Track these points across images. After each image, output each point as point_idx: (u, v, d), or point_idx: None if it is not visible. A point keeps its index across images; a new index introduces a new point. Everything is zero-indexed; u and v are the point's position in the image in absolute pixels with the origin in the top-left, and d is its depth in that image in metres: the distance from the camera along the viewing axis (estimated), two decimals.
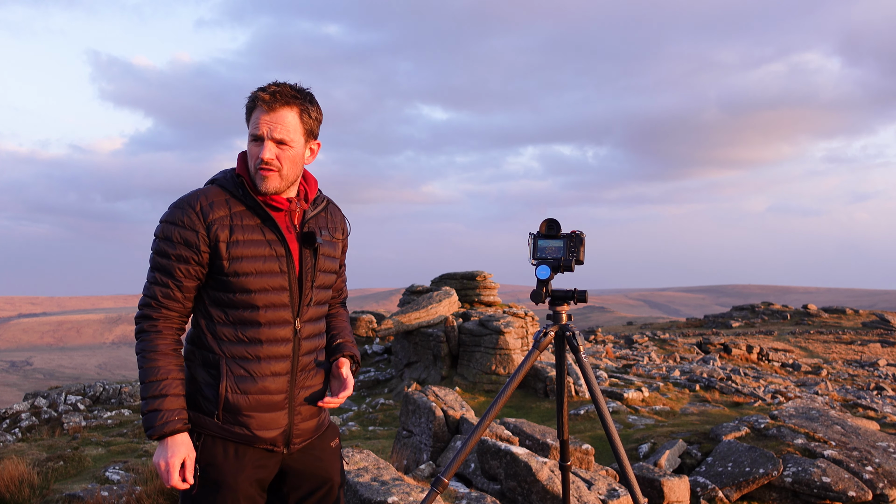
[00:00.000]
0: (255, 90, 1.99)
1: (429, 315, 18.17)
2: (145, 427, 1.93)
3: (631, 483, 2.69)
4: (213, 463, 1.98)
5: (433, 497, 2.58)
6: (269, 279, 1.99)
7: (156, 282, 1.96)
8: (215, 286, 1.99)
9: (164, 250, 1.95)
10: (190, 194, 1.99)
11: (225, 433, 1.99)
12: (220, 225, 1.95)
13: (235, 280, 1.96)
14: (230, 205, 1.99)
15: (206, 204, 1.96)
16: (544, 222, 2.83)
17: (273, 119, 1.97)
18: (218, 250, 1.94)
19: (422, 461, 6.25)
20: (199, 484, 1.97)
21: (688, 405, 12.66)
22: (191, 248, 1.94)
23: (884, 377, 26.50)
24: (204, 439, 1.99)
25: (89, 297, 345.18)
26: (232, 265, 1.95)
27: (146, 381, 1.93)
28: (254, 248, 1.98)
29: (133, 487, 5.70)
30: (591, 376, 2.74)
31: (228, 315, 1.99)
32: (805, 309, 47.91)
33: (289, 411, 2.06)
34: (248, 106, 2.00)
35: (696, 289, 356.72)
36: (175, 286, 1.96)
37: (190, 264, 1.95)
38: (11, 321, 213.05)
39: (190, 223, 1.93)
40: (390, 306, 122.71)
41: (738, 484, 6.46)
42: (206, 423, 1.99)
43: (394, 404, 15.54)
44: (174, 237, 1.94)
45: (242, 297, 1.98)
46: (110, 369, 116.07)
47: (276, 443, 2.04)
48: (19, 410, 17.14)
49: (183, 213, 1.94)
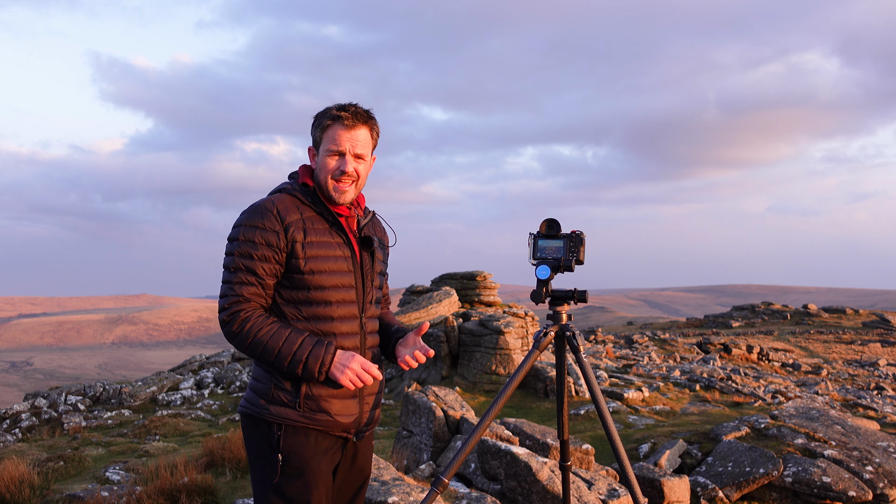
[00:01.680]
0: (333, 109, 2.24)
1: (429, 315, 18.17)
2: (310, 375, 2.10)
3: (631, 483, 2.69)
4: (296, 451, 2.15)
5: (433, 497, 2.58)
6: (340, 277, 2.22)
7: (241, 282, 2.14)
8: (290, 285, 2.19)
9: (247, 252, 2.13)
10: (265, 200, 2.20)
11: (307, 421, 2.16)
12: (295, 227, 2.17)
13: (311, 278, 2.17)
14: (301, 210, 2.21)
15: (283, 208, 2.18)
16: (544, 222, 2.83)
17: (353, 136, 2.24)
18: (294, 250, 2.15)
19: (422, 461, 6.25)
20: (281, 472, 2.12)
21: (688, 405, 12.66)
22: (272, 248, 2.14)
23: (884, 377, 26.51)
24: (285, 429, 2.15)
25: (89, 297, 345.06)
26: (308, 264, 2.16)
27: (280, 344, 2.09)
28: (326, 248, 2.21)
29: (133, 488, 5.70)
30: (591, 376, 2.74)
31: (302, 311, 2.19)
32: (805, 309, 47.91)
33: (359, 400, 2.26)
34: (324, 123, 2.25)
35: (696, 289, 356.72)
36: (259, 283, 2.15)
37: (271, 263, 2.14)
38: (11, 321, 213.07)
39: (270, 225, 2.14)
40: (390, 306, 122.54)
41: (739, 484, 6.46)
42: (287, 413, 2.15)
43: (394, 404, 15.55)
44: (256, 238, 2.13)
45: (317, 294, 2.19)
46: (110, 369, 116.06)
47: (349, 429, 2.24)
48: (19, 411, 17.14)
49: (262, 217, 2.15)
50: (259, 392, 2.19)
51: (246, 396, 2.25)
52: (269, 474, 2.13)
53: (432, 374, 17.21)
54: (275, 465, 2.13)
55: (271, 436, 2.14)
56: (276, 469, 2.12)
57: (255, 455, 2.20)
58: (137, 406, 18.17)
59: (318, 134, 2.27)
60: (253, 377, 2.25)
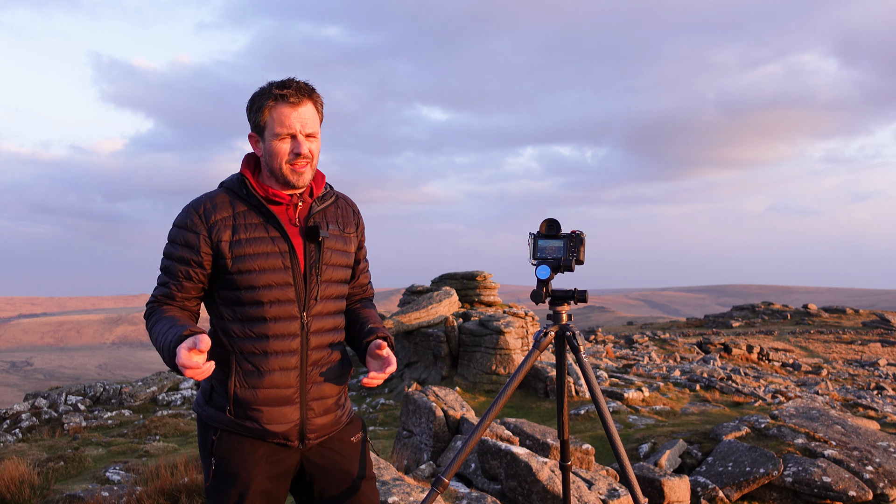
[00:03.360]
0: (272, 88, 2.02)
1: (429, 315, 18.17)
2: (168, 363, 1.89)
3: (631, 483, 2.69)
4: (228, 457, 2.04)
5: (433, 497, 2.58)
6: (272, 275, 2.03)
7: (160, 282, 2.08)
8: (223, 285, 2.05)
9: (168, 252, 2.06)
10: (197, 198, 2.09)
11: (237, 428, 2.04)
12: (222, 226, 2.02)
13: (240, 278, 2.02)
14: (234, 206, 2.06)
15: (210, 206, 2.04)
16: (544, 222, 2.83)
17: (301, 114, 2.03)
18: (220, 250, 2.01)
19: (422, 461, 6.25)
20: (213, 476, 2.04)
21: (688, 405, 12.65)
22: (191, 249, 2.02)
23: (884, 377, 26.50)
24: (220, 434, 2.05)
25: (89, 297, 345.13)
26: (235, 264, 2.01)
27: (157, 335, 1.98)
28: (256, 245, 2.03)
29: (133, 488, 5.70)
30: (591, 376, 2.74)
31: (236, 312, 2.04)
32: (805, 309, 47.90)
33: (301, 406, 2.08)
34: (265, 104, 2.02)
35: (697, 289, 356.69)
36: (175, 286, 2.05)
37: (190, 266, 2.03)
38: (12, 321, 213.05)
39: (192, 225, 2.02)
40: (390, 306, 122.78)
41: (739, 484, 6.46)
42: (220, 418, 2.06)
43: (394, 404, 15.54)
44: (178, 239, 2.04)
45: (248, 295, 2.03)
46: (110, 370, 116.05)
47: (288, 437, 2.07)
48: (20, 411, 17.14)
49: (187, 216, 2.04)
50: (202, 391, 2.11)
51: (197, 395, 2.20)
52: (207, 479, 2.06)
53: (432, 374, 17.21)
54: (208, 469, 2.05)
55: (206, 438, 2.07)
56: (210, 473, 2.04)
57: (200, 455, 2.15)
58: (137, 406, 18.18)
59: (258, 118, 2.03)
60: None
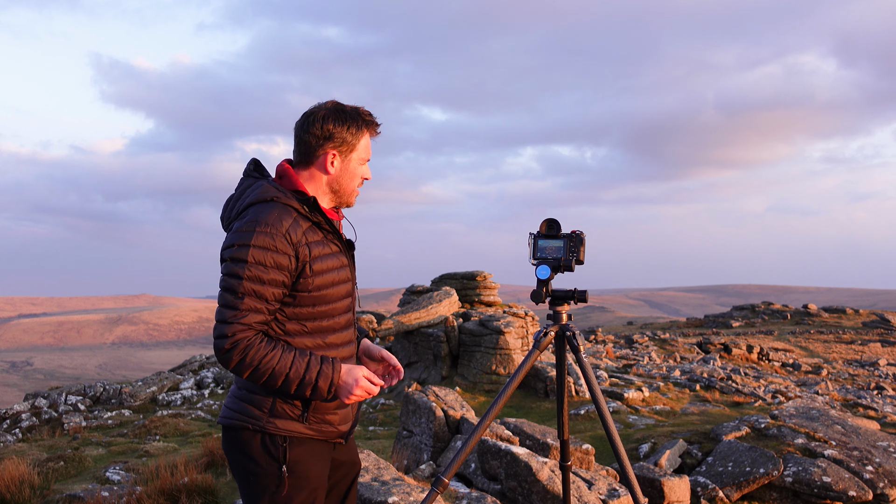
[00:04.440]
0: (365, 114, 2.18)
1: (429, 315, 18.17)
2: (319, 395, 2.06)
3: (631, 483, 2.69)
4: (301, 461, 2.11)
5: (433, 497, 2.58)
6: (342, 287, 2.18)
7: (250, 308, 2.00)
8: (295, 303, 2.10)
9: (256, 276, 1.99)
10: (270, 216, 2.03)
11: (313, 433, 2.14)
12: (304, 246, 2.07)
13: (318, 294, 2.11)
14: (300, 223, 2.08)
15: (289, 226, 2.04)
16: (544, 222, 2.83)
17: (371, 144, 2.24)
18: (304, 270, 2.07)
19: (422, 461, 6.24)
20: (288, 483, 2.09)
21: (688, 405, 12.65)
22: (283, 271, 2.03)
23: (884, 377, 26.50)
24: (290, 442, 2.11)
25: (90, 297, 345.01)
26: (315, 281, 2.09)
27: (287, 369, 2.01)
28: (329, 261, 2.13)
29: (133, 488, 5.70)
30: (591, 376, 2.74)
31: (306, 326, 2.12)
32: (805, 309, 47.88)
33: (352, 405, 2.26)
34: (363, 128, 2.18)
35: (697, 289, 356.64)
36: (267, 310, 2.04)
37: (281, 287, 2.04)
38: (12, 321, 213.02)
39: (283, 248, 2.01)
40: (390, 306, 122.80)
41: (739, 484, 6.46)
42: (294, 426, 2.11)
43: (394, 404, 15.55)
44: (266, 261, 2.00)
45: (322, 308, 2.13)
46: (111, 369, 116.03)
47: (345, 435, 2.25)
48: (20, 411, 17.13)
49: (273, 238, 2.01)
50: (255, 403, 2.10)
51: (234, 407, 2.14)
52: (271, 487, 2.08)
53: (432, 374, 17.21)
54: (280, 478, 2.08)
55: (275, 448, 2.09)
56: (283, 481, 2.08)
57: (248, 468, 2.11)
58: (137, 406, 18.17)
59: (349, 137, 2.16)
60: (242, 388, 2.14)
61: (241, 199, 2.13)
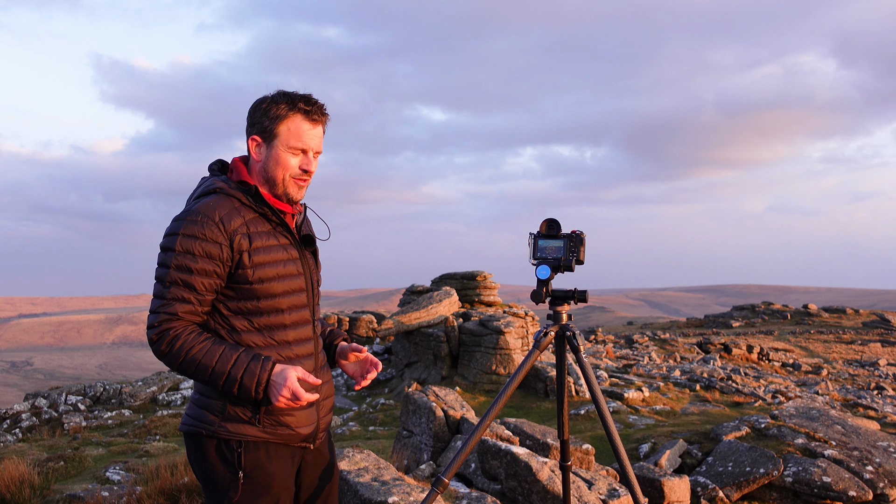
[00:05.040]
0: (296, 100, 2.03)
1: (429, 315, 18.17)
2: (246, 394, 1.93)
3: (631, 483, 2.69)
4: (259, 466, 2.02)
5: (433, 497, 2.58)
6: (290, 282, 2.07)
7: (176, 297, 1.94)
8: (238, 296, 2.01)
9: (184, 264, 1.92)
10: (204, 206, 1.97)
11: (268, 436, 2.03)
12: (240, 235, 1.97)
13: (260, 287, 2.01)
14: (242, 213, 2.01)
15: (224, 215, 1.97)
16: (544, 222, 2.83)
17: (317, 133, 2.08)
18: (241, 261, 1.98)
19: (422, 461, 6.25)
20: (243, 490, 2.01)
21: (688, 405, 12.66)
22: (213, 260, 1.94)
23: (884, 377, 26.50)
24: (245, 445, 2.02)
25: (90, 297, 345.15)
26: (256, 273, 1.99)
27: (213, 362, 1.92)
28: (273, 253, 2.03)
29: (133, 488, 5.70)
30: (591, 376, 2.74)
31: (254, 322, 2.03)
32: (805, 309, 47.88)
33: (316, 407, 2.15)
34: (282, 113, 2.03)
35: (697, 289, 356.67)
36: (197, 300, 1.96)
37: (212, 277, 1.96)
38: (12, 321, 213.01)
39: (213, 236, 1.94)
40: (390, 306, 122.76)
41: (739, 484, 6.46)
42: (246, 430, 2.01)
43: (394, 404, 15.54)
44: (195, 250, 1.93)
45: (268, 303, 2.03)
46: (111, 369, 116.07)
47: (308, 439, 2.13)
48: (20, 411, 17.14)
49: (203, 225, 1.93)
50: (209, 408, 2.01)
51: (190, 413, 2.06)
52: (230, 493, 2.00)
53: (432, 374, 17.21)
54: (235, 483, 1.99)
55: (229, 453, 2.00)
56: (238, 487, 1.99)
57: (207, 475, 2.03)
58: (138, 406, 18.18)
59: (272, 124, 2.03)
60: (199, 392, 2.06)
61: (192, 196, 2.10)
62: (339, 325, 25.22)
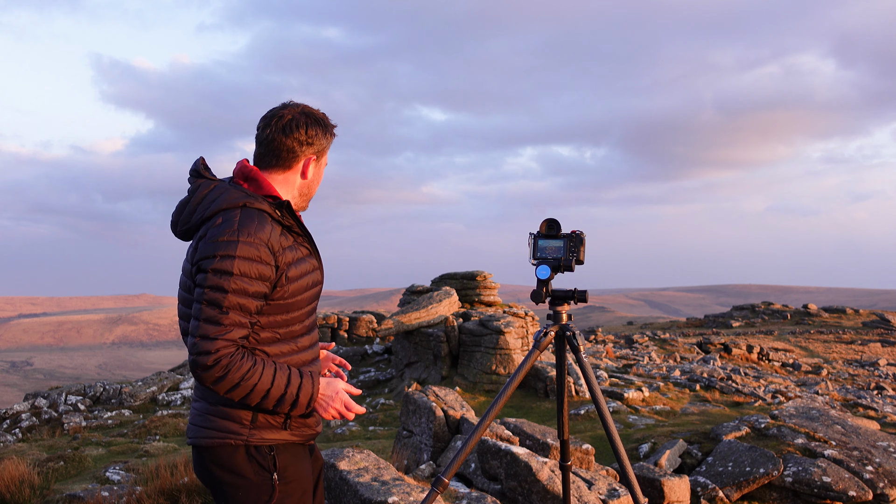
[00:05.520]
0: (331, 122, 2.18)
1: (429, 315, 18.17)
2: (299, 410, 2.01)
3: (631, 483, 2.69)
4: (289, 466, 2.09)
5: (433, 497, 2.58)
6: (314, 290, 2.14)
7: (234, 323, 1.91)
8: (270, 311, 2.02)
9: (242, 288, 1.90)
10: (250, 224, 1.95)
11: (296, 437, 2.11)
12: (281, 253, 1.99)
13: (293, 300, 2.05)
14: (274, 228, 2.01)
15: (269, 233, 1.97)
16: (544, 222, 2.83)
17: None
18: (281, 279, 2.00)
19: (422, 461, 6.25)
20: (279, 492, 2.06)
21: (688, 405, 12.66)
22: (265, 282, 1.95)
23: (884, 377, 26.51)
24: (276, 449, 2.07)
25: (90, 297, 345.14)
26: (290, 287, 2.02)
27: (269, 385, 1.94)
28: (302, 265, 2.07)
29: (133, 488, 5.70)
30: (591, 376, 2.74)
31: (279, 332, 2.05)
32: (805, 309, 47.89)
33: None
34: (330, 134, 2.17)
35: (696, 288, 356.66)
36: (250, 323, 1.96)
37: (261, 300, 1.96)
38: (12, 321, 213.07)
39: (266, 257, 1.94)
40: (390, 306, 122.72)
41: (739, 484, 6.46)
42: (276, 435, 2.06)
43: (394, 404, 15.55)
44: (252, 273, 1.92)
45: (296, 314, 2.08)
46: (110, 369, 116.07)
47: (317, 436, 2.23)
48: (20, 411, 17.14)
49: (258, 248, 1.93)
50: (235, 419, 2.02)
51: (208, 425, 2.04)
52: (263, 498, 2.03)
53: (432, 374, 17.21)
54: (272, 487, 2.04)
55: (263, 458, 2.04)
56: (274, 488, 2.04)
57: (235, 484, 2.04)
58: (137, 406, 18.18)
59: (325, 144, 2.16)
60: (220, 404, 2.04)
61: (205, 205, 2.02)
62: (340, 325, 25.23)
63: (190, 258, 2.02)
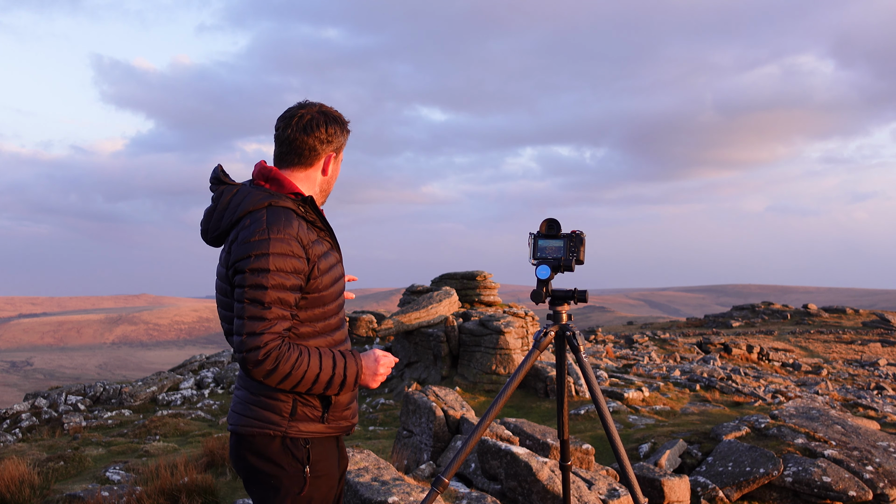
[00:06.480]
0: (346, 119, 2.25)
1: (429, 315, 18.16)
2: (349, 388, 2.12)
3: (631, 483, 2.69)
4: (322, 459, 2.16)
5: (433, 497, 2.58)
6: (341, 283, 2.22)
7: (278, 317, 1.99)
8: (307, 305, 2.10)
9: (280, 283, 1.99)
10: (278, 220, 2.03)
11: (330, 430, 2.18)
12: (310, 247, 2.07)
13: (326, 293, 2.13)
14: (301, 224, 2.09)
15: (299, 228, 2.05)
16: (544, 222, 2.83)
17: None
18: (312, 272, 2.08)
19: (422, 461, 6.25)
20: (310, 483, 2.13)
21: (688, 405, 12.65)
22: (300, 275, 2.04)
23: (884, 377, 26.50)
24: (311, 442, 2.14)
25: (90, 297, 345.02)
26: (322, 280, 2.11)
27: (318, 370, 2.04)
28: (328, 259, 2.15)
29: (133, 487, 5.70)
30: (591, 376, 2.74)
31: (316, 326, 2.13)
32: (805, 308, 47.88)
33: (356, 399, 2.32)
34: (341, 132, 2.23)
35: (696, 288, 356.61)
36: (291, 315, 2.04)
37: (298, 293, 2.05)
38: (12, 321, 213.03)
39: (299, 252, 2.03)
40: (390, 306, 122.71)
41: (739, 483, 6.46)
42: (313, 428, 2.14)
43: (394, 404, 15.55)
44: (287, 267, 2.00)
45: (329, 307, 2.16)
46: (110, 369, 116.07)
47: (352, 428, 2.30)
48: (20, 411, 17.14)
49: (289, 243, 2.01)
50: (275, 409, 2.10)
51: (249, 414, 2.13)
52: (294, 489, 2.11)
53: (432, 374, 17.21)
54: (303, 478, 2.11)
55: (297, 450, 2.11)
56: (306, 480, 2.12)
57: (270, 472, 2.11)
58: (137, 406, 18.18)
59: (344, 142, 2.25)
60: (261, 395, 2.12)
61: (231, 209, 2.09)
62: None
63: (224, 262, 2.11)
